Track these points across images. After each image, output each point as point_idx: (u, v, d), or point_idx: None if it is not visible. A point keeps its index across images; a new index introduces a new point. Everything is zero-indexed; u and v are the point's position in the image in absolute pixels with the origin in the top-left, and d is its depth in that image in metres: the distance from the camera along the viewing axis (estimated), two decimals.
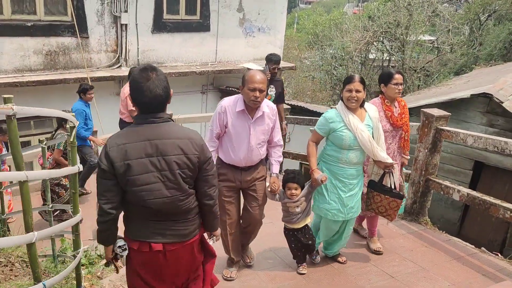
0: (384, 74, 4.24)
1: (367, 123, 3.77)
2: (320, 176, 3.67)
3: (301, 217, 3.83)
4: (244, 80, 3.48)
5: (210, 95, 11.79)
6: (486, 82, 9.83)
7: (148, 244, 2.46)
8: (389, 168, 3.91)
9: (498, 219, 7.38)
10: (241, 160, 3.64)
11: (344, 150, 3.71)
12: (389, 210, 4.02)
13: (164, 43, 10.55)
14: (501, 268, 3.96)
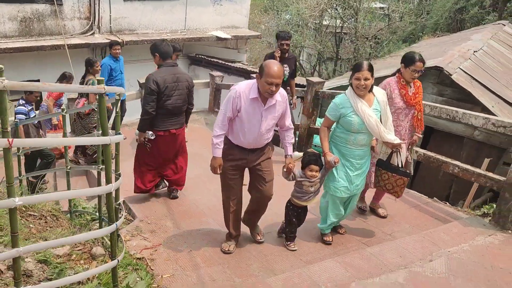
0: (408, 56, 4.34)
1: (375, 108, 3.91)
2: (332, 158, 3.87)
3: (312, 196, 4.03)
4: (262, 70, 3.54)
5: (179, 62, 12.13)
6: (435, 54, 10.83)
7: (168, 130, 4.91)
8: (397, 147, 4.07)
9: (443, 178, 8.51)
10: (250, 144, 3.81)
11: (353, 133, 3.90)
12: (396, 187, 4.20)
13: (136, 10, 10.78)
14: (449, 213, 4.91)
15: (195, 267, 3.86)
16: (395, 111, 4.37)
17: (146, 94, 4.75)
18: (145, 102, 4.77)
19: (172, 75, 4.79)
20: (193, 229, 4.54)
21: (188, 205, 5.13)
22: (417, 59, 4.24)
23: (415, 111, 4.45)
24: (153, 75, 4.74)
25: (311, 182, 3.95)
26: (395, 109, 4.36)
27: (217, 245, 4.23)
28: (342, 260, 3.73)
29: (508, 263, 3.72)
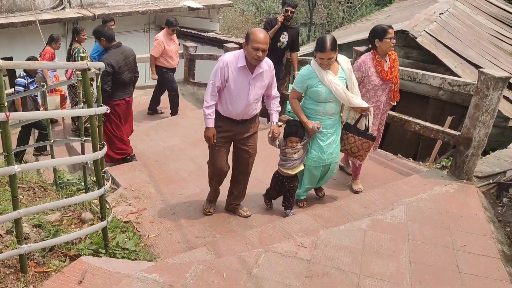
0: (379, 29, 4.33)
1: (340, 76, 4.03)
2: (314, 124, 3.98)
3: (296, 163, 4.11)
4: (248, 38, 3.63)
5: (152, 34, 12.17)
6: (403, 18, 11.14)
7: (124, 99, 5.58)
8: (365, 111, 4.16)
9: (411, 137, 8.95)
10: (239, 114, 3.88)
11: (321, 103, 4.01)
12: (361, 150, 4.30)
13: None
14: (412, 168, 5.31)
15: (179, 227, 4.18)
16: (373, 88, 4.43)
17: (103, 76, 5.18)
18: (102, 82, 5.17)
19: (121, 54, 5.46)
20: (175, 194, 4.83)
21: (169, 172, 5.40)
22: (387, 27, 4.29)
23: (392, 85, 4.52)
24: (106, 59, 5.32)
25: (293, 149, 4.07)
26: (373, 86, 4.42)
27: (198, 207, 4.54)
28: (312, 213, 4.10)
29: (460, 208, 4.15)
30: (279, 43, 6.49)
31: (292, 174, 4.18)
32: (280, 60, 6.70)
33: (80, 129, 4.15)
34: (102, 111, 3.05)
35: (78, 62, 2.69)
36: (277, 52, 6.47)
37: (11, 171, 2.26)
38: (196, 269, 2.95)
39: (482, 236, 3.77)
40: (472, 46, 9.67)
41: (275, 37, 6.38)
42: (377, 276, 3.14)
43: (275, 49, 6.32)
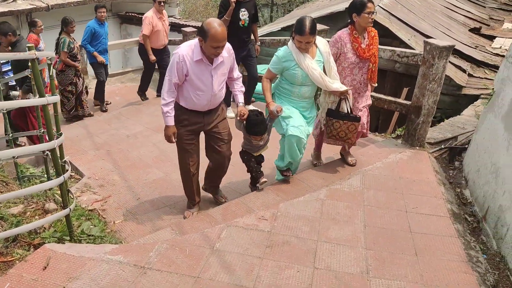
0: (357, 3, 4.06)
1: (318, 59, 3.90)
2: (275, 107, 3.84)
3: (261, 147, 4.06)
4: (205, 35, 3.35)
5: (110, 21, 11.96)
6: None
7: None
8: (344, 94, 4.05)
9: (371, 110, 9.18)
10: (205, 106, 3.70)
11: (297, 86, 3.93)
12: (348, 133, 4.18)
13: None
14: (369, 139, 5.49)
15: (144, 211, 4.26)
16: (349, 65, 4.20)
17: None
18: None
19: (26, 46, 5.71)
20: (139, 180, 4.89)
21: (133, 159, 5.45)
22: (367, 1, 4.00)
23: (370, 64, 4.26)
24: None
25: (259, 140, 3.98)
26: (349, 64, 4.20)
27: (163, 191, 4.63)
28: (273, 187, 4.23)
29: (412, 174, 4.37)
30: (241, 21, 6.10)
31: (258, 154, 4.15)
32: (248, 39, 6.39)
33: (38, 121, 4.15)
34: (54, 100, 3.09)
35: (26, 52, 2.70)
36: (242, 32, 6.19)
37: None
38: (159, 248, 3.05)
39: (433, 197, 3.99)
40: (426, 18, 9.93)
41: (234, 17, 6.04)
42: (334, 241, 3.31)
43: (239, 29, 6.10)
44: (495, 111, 4.02)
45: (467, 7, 12.35)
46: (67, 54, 6.86)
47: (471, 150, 4.51)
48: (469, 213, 3.95)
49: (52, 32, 8.02)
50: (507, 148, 3.60)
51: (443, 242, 3.38)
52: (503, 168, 3.61)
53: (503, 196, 3.49)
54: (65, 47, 6.82)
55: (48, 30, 9.65)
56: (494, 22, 11.43)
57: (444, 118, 6.66)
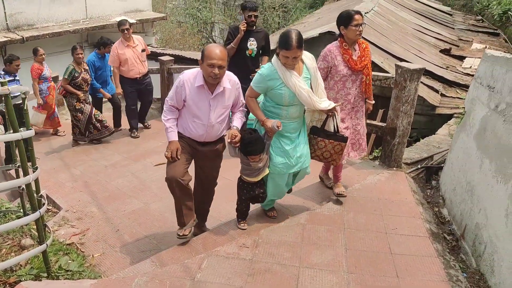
0: (343, 16, 3.98)
1: (305, 76, 3.60)
2: (274, 123, 3.52)
3: (261, 170, 3.70)
4: (203, 55, 3.33)
5: (86, 52, 11.94)
6: (333, 19, 11.56)
7: None
8: (332, 111, 3.75)
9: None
10: (201, 136, 3.58)
11: (284, 106, 3.59)
12: (334, 154, 3.88)
13: (32, 4, 10.41)
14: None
15: (123, 243, 4.19)
16: (341, 79, 4.06)
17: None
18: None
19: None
20: (118, 211, 4.83)
21: (112, 190, 5.38)
22: (354, 13, 3.94)
23: (363, 76, 4.13)
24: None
25: (256, 161, 3.65)
26: (341, 77, 4.05)
27: (143, 222, 4.57)
28: (254, 212, 4.21)
29: (391, 194, 4.42)
30: (248, 51, 5.87)
31: (259, 179, 3.77)
32: (254, 70, 5.82)
33: (13, 155, 4.08)
34: (29, 135, 3.05)
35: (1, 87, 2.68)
36: (249, 62, 5.94)
37: None
38: (139, 281, 3.00)
39: (412, 217, 4.03)
40: (398, 41, 10.20)
41: (241, 46, 5.84)
42: (316, 266, 3.30)
43: (245, 59, 5.89)
44: (467, 130, 4.13)
45: (437, 29, 12.75)
46: (67, 81, 6.87)
47: (447, 169, 4.60)
48: (448, 232, 4.00)
49: (26, 64, 7.95)
50: (480, 166, 3.68)
51: (423, 262, 3.41)
52: (477, 186, 3.69)
53: (479, 213, 3.55)
54: (67, 73, 6.86)
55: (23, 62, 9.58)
56: (463, 43, 11.81)
57: (420, 138, 6.79)
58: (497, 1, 13.44)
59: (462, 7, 16.64)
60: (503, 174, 3.24)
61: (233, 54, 5.85)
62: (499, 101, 3.55)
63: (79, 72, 6.97)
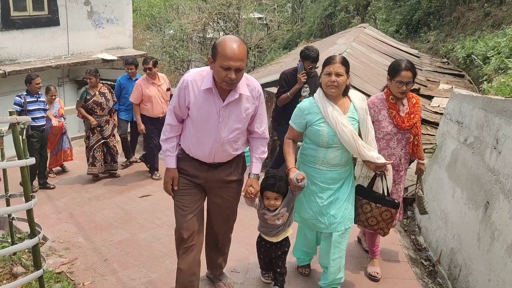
0: (392, 66, 3.47)
1: (351, 116, 3.09)
2: (295, 175, 2.98)
3: (281, 230, 3.18)
4: (215, 51, 2.57)
5: (67, 87, 12.12)
6: None
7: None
8: (381, 169, 3.18)
9: None
10: (208, 155, 2.84)
11: (322, 148, 3.08)
12: (381, 222, 3.32)
13: (15, 40, 10.59)
14: None
15: (113, 271, 4.25)
16: (384, 136, 3.50)
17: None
18: None
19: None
20: (105, 241, 4.89)
21: (97, 221, 5.44)
22: (403, 68, 3.36)
23: (411, 135, 3.57)
24: None
25: (275, 215, 3.08)
26: (384, 135, 3.49)
27: (131, 251, 4.64)
28: (243, 241, 4.37)
29: None
30: (300, 98, 5.29)
31: (279, 240, 3.26)
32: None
33: (5, 184, 4.16)
34: (31, 162, 3.19)
35: (8, 117, 2.84)
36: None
37: None
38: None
39: (391, 244, 4.27)
40: (370, 81, 10.74)
41: (295, 94, 5.30)
42: None
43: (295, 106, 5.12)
44: (439, 162, 4.45)
45: None
46: (81, 104, 6.69)
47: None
48: (425, 258, 4.25)
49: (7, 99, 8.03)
50: (453, 195, 3.98)
51: (404, 284, 3.62)
52: (451, 213, 3.97)
53: (453, 239, 3.82)
54: (79, 96, 6.76)
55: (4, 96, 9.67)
56: (431, 84, 12.48)
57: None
58: (461, 46, 14.29)
59: (429, 50, 17.58)
60: (473, 201, 3.54)
61: (283, 105, 5.36)
62: (467, 135, 3.89)
63: (91, 95, 6.67)
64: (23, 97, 6.44)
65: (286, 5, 30.89)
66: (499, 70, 10.69)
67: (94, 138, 6.79)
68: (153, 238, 4.84)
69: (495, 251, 3.05)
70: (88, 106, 6.69)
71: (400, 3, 22.03)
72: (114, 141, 7.05)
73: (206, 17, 25.13)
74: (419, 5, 20.25)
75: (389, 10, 22.85)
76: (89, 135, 6.82)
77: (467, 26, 16.36)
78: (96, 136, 6.80)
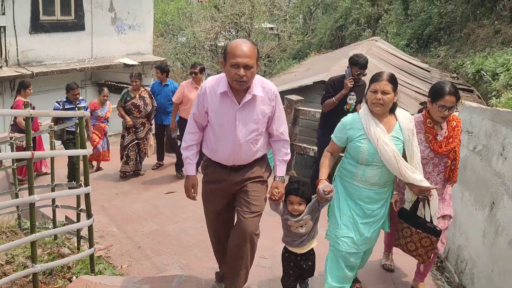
0: (435, 88, 3.28)
1: (395, 135, 3.02)
2: (323, 186, 2.90)
3: (305, 240, 3.07)
4: (225, 52, 2.74)
5: (89, 89, 12.62)
6: (321, 69, 12.54)
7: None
8: (425, 194, 3.11)
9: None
10: (227, 158, 2.94)
11: (361, 165, 3.02)
12: (419, 248, 3.23)
13: (43, 43, 11.10)
14: None
15: (147, 257, 4.65)
16: (420, 161, 3.24)
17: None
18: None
19: None
20: (137, 231, 5.30)
21: (128, 213, 5.86)
22: (447, 92, 3.17)
23: (448, 160, 3.37)
24: None
25: (298, 221, 3.00)
26: (420, 159, 3.23)
27: (162, 240, 5.04)
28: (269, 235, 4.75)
29: None
30: (346, 105, 5.36)
31: (303, 252, 3.15)
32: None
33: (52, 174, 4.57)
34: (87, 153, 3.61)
35: (76, 111, 3.27)
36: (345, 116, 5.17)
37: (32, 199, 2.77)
38: (179, 280, 3.50)
39: None
40: None
41: (341, 101, 5.39)
42: None
43: (342, 113, 5.01)
44: None
45: (417, 83, 13.84)
46: (121, 104, 7.14)
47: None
48: None
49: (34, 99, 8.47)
50: (461, 198, 4.36)
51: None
52: (459, 214, 4.34)
53: (461, 237, 4.19)
54: (121, 97, 7.19)
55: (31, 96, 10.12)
56: None
57: None
58: (471, 61, 14.68)
59: (439, 65, 17.98)
60: (480, 203, 3.91)
61: (332, 109, 5.46)
62: (476, 143, 4.27)
63: (131, 97, 7.13)
64: (62, 103, 7.03)
65: (297, 16, 31.43)
66: (508, 86, 11.09)
67: (129, 138, 7.23)
68: (181, 230, 5.24)
69: (498, 244, 3.42)
70: (126, 107, 7.13)
71: (412, 17, 22.50)
72: (147, 144, 7.50)
73: (219, 26, 25.66)
74: (430, 20, 20.68)
75: (400, 24, 23.32)
76: (124, 134, 7.27)
77: (477, 43, 16.75)
78: (131, 136, 7.24)
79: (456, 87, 3.27)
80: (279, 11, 27.35)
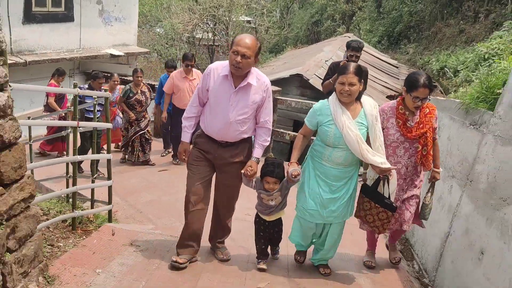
0: (410, 79, 3.55)
1: (360, 121, 3.33)
2: (292, 170, 3.33)
3: (274, 211, 3.57)
4: (232, 41, 3.26)
5: (77, 78, 13.21)
6: (297, 64, 13.49)
7: None
8: (385, 173, 3.41)
9: None
10: (218, 133, 3.41)
11: (328, 147, 3.35)
12: (376, 221, 3.57)
13: (34, 33, 11.62)
14: None
15: (149, 220, 5.44)
16: (391, 143, 3.64)
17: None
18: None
19: None
20: (137, 200, 6.10)
21: (127, 187, 6.61)
22: (421, 84, 3.44)
23: (419, 145, 3.59)
24: None
25: (269, 195, 3.51)
26: (391, 142, 3.64)
27: (160, 207, 5.86)
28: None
29: None
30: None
31: (271, 220, 3.67)
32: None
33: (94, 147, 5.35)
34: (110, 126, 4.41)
35: (104, 92, 4.08)
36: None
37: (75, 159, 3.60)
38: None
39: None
40: None
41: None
42: None
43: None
44: None
45: (384, 78, 14.94)
46: (122, 99, 7.54)
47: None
48: None
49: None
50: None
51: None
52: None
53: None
54: (122, 92, 7.58)
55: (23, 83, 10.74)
56: None
57: None
58: (436, 59, 15.82)
59: (407, 61, 19.12)
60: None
61: (328, 91, 5.79)
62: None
63: (134, 93, 7.51)
64: (84, 89, 7.38)
65: (274, 10, 32.19)
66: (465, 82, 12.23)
67: (132, 130, 7.70)
68: (175, 200, 6.04)
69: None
70: (130, 103, 7.55)
71: (384, 15, 23.58)
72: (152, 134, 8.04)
73: (197, 18, 26.20)
74: (401, 19, 21.79)
75: (373, 21, 24.40)
76: (127, 127, 7.77)
77: (443, 41, 17.91)
78: (134, 129, 7.70)
79: (430, 79, 3.56)
80: (256, 4, 28.02)
